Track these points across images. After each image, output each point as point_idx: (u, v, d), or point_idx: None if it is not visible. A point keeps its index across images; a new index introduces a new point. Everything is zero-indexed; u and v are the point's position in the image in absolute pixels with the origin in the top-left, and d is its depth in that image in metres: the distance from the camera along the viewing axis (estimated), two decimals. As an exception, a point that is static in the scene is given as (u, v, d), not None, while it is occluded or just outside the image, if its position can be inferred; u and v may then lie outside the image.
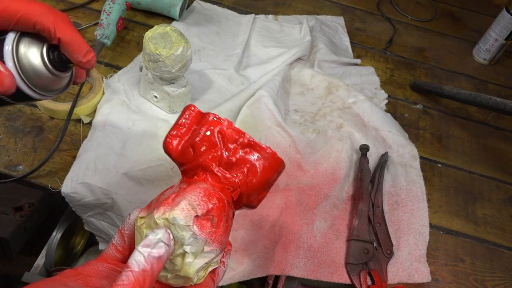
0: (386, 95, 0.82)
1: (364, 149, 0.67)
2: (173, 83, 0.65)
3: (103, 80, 0.68)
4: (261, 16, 0.92)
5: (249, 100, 0.68)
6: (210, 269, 0.36)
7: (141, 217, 0.35)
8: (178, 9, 0.82)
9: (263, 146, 0.39)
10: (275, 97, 0.69)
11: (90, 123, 0.65)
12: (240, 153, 0.39)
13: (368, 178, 0.64)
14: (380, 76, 0.86)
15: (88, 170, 0.58)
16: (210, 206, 0.35)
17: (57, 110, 0.64)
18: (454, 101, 0.80)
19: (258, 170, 0.39)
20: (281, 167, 0.41)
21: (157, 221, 0.33)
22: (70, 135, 0.64)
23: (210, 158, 0.38)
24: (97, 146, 0.61)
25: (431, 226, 0.63)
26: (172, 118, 0.67)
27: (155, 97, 0.67)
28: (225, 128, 0.39)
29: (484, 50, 0.94)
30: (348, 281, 0.56)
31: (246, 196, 0.39)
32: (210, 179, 0.38)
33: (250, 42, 0.86)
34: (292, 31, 0.90)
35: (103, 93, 0.68)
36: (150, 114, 0.68)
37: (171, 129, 0.40)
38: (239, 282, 0.55)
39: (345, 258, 0.57)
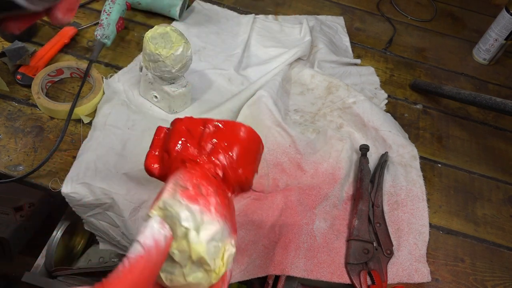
0: (386, 95, 0.82)
1: (364, 149, 0.67)
2: (173, 83, 0.65)
3: (103, 80, 0.68)
4: (261, 16, 0.92)
5: (249, 100, 0.68)
6: (226, 255, 0.34)
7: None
8: (178, 9, 0.82)
9: (235, 122, 0.41)
10: (275, 97, 0.69)
11: (90, 123, 0.65)
12: (213, 140, 0.40)
13: (368, 178, 0.64)
14: (380, 76, 0.86)
15: (88, 170, 0.58)
16: (194, 180, 0.36)
17: (57, 110, 0.64)
18: (454, 101, 0.80)
19: (236, 140, 0.41)
20: (257, 138, 0.43)
21: (152, 215, 0.33)
22: (70, 135, 0.64)
23: (185, 153, 0.40)
24: (97, 146, 0.61)
25: (431, 226, 0.63)
26: (172, 118, 0.67)
27: (155, 97, 0.67)
28: (185, 122, 0.42)
29: (484, 50, 0.94)
30: (348, 281, 0.56)
31: (232, 171, 0.40)
32: (188, 165, 0.39)
33: (250, 42, 0.86)
34: (292, 31, 0.90)
35: (103, 93, 0.68)
36: (150, 114, 0.68)
37: (150, 149, 0.43)
38: (239, 282, 0.55)
39: (345, 258, 0.57)
